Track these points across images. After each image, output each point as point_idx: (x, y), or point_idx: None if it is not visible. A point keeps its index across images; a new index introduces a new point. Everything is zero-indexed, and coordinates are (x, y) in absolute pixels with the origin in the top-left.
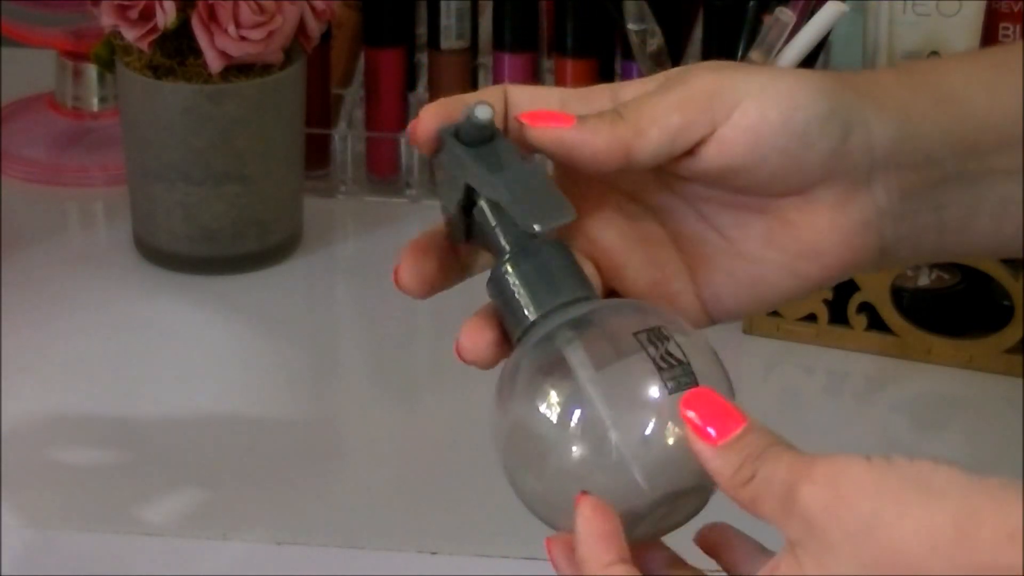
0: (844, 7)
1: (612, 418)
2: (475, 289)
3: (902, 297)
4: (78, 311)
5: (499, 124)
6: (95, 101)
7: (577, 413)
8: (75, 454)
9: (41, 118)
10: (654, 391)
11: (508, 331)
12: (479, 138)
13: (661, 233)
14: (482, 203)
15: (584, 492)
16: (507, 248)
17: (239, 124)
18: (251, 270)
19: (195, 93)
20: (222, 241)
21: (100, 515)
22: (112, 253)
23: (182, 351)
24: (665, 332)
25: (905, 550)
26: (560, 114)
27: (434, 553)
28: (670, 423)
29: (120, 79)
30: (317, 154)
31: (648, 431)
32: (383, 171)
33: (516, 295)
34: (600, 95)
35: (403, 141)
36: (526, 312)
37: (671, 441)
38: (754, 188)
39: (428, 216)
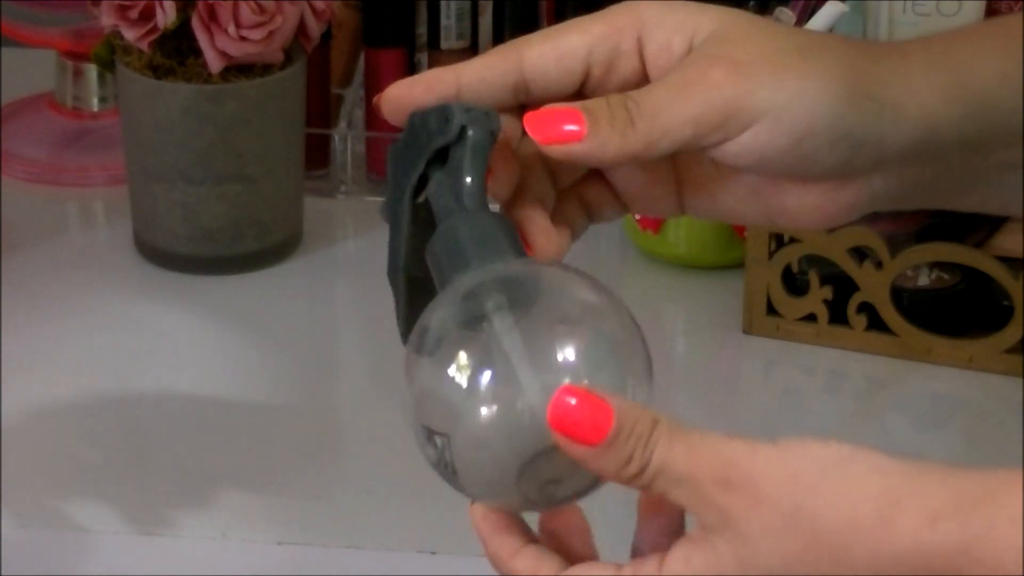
0: (844, 7)
1: (524, 377)
2: None
3: (902, 297)
4: (78, 311)
5: (505, 80)
6: (95, 101)
7: (488, 374)
8: (75, 454)
9: (41, 118)
10: (569, 353)
11: (437, 284)
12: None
13: None
14: (428, 192)
15: (471, 505)
16: (452, 208)
17: (239, 124)
18: (251, 270)
19: (195, 93)
20: (222, 241)
21: (100, 515)
22: (112, 253)
23: (182, 351)
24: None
25: (828, 540)
26: (567, 112)
27: (434, 553)
28: (585, 382)
29: (120, 79)
30: (317, 154)
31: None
32: (383, 171)
33: (449, 251)
34: (624, 35)
35: None
36: (452, 267)
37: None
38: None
39: None
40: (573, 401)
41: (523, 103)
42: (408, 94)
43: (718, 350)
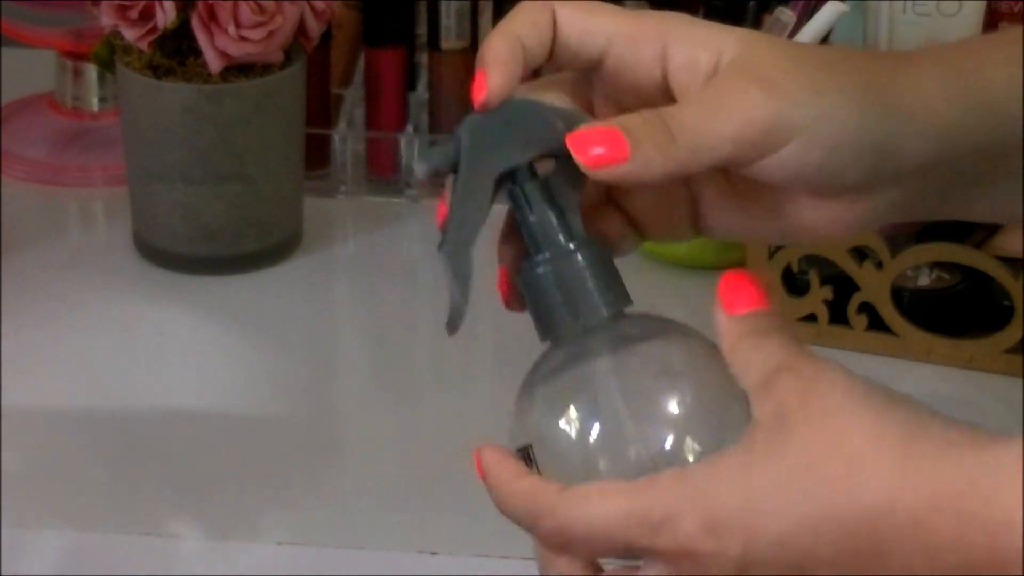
0: (844, 7)
1: (634, 432)
2: (476, 291)
3: (902, 297)
4: (78, 311)
5: (545, 47)
6: (95, 101)
7: (597, 427)
8: (75, 454)
9: (41, 118)
10: (673, 407)
11: (537, 325)
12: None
13: None
14: (534, 187)
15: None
16: (555, 243)
17: (239, 124)
18: (251, 270)
19: (195, 93)
20: (222, 241)
21: (100, 515)
22: (112, 253)
23: (182, 351)
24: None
25: (850, 444)
26: (608, 133)
27: (434, 553)
28: (688, 439)
29: (120, 79)
30: (317, 154)
31: (667, 445)
32: (383, 171)
33: (554, 298)
34: (648, 43)
35: (403, 141)
36: (559, 320)
37: (690, 457)
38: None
39: (428, 216)
40: (741, 280)
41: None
42: (509, 76)
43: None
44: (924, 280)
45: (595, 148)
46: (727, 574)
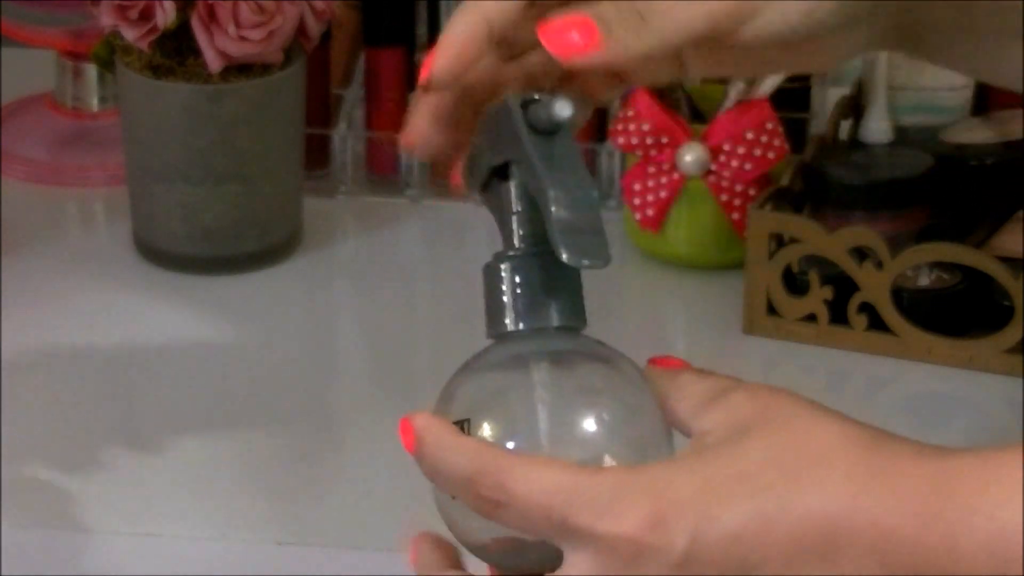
0: None
1: (548, 450)
2: (475, 291)
3: (902, 297)
4: (78, 311)
5: (513, 24)
6: (95, 101)
7: (512, 443)
8: (75, 454)
9: (41, 118)
10: (593, 426)
11: (487, 319)
12: (546, 127)
13: None
14: (513, 185)
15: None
16: (518, 244)
17: (239, 124)
18: (251, 270)
19: (195, 93)
20: (222, 241)
21: (100, 515)
22: (112, 253)
23: (182, 351)
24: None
25: (816, 442)
26: (579, 22)
27: None
28: (606, 456)
29: (120, 79)
30: (317, 154)
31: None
32: (383, 171)
33: (505, 297)
34: None
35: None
36: (506, 320)
37: None
38: None
39: (428, 216)
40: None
41: None
42: (458, 59)
43: (718, 350)
44: (924, 280)
45: (568, 36)
46: (662, 573)
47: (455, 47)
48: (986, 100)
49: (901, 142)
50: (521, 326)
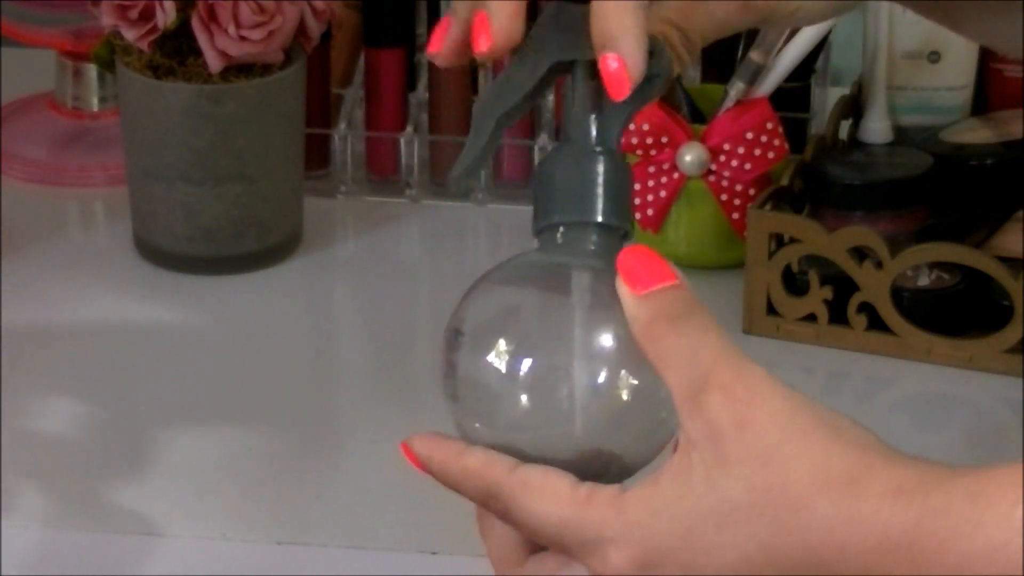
0: None
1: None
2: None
3: (902, 297)
4: (78, 311)
5: None
6: (95, 101)
7: (527, 362)
8: (75, 454)
9: (41, 118)
10: (607, 339)
11: (535, 212)
12: None
13: None
14: (579, 77)
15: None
16: (584, 140)
17: (239, 124)
18: (251, 270)
19: (195, 93)
20: (222, 241)
21: (100, 515)
22: (112, 253)
23: (182, 351)
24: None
25: (795, 485)
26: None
27: (434, 553)
28: (623, 373)
29: (120, 79)
30: (317, 154)
31: (601, 380)
32: (383, 171)
33: (561, 187)
34: None
35: (403, 141)
36: (556, 209)
37: (624, 395)
38: None
39: (428, 216)
40: (645, 254)
41: None
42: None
43: None
44: (924, 280)
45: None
46: None
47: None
48: (986, 100)
49: (901, 142)
50: (569, 215)
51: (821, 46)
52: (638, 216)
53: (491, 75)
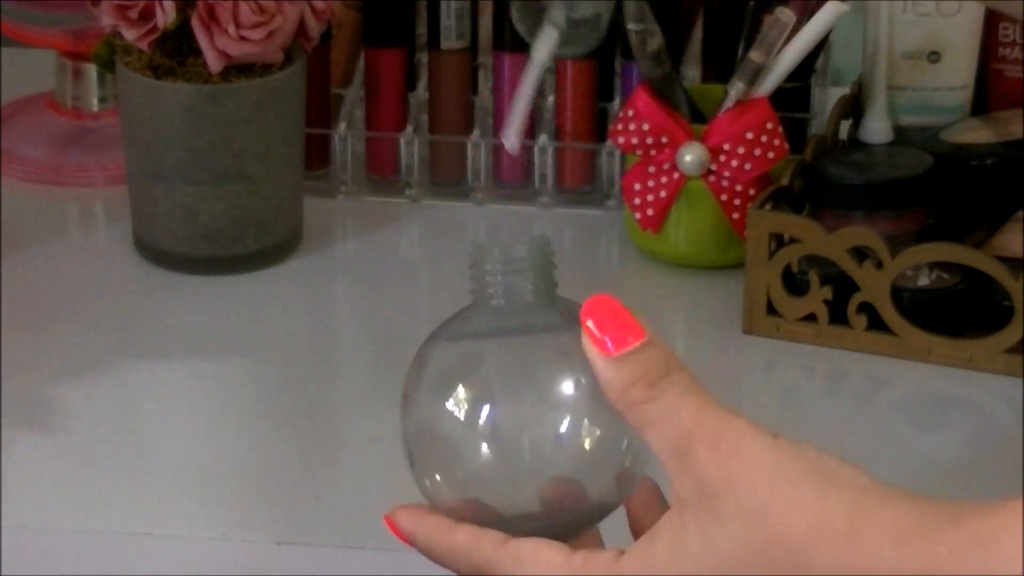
0: (844, 7)
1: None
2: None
3: (902, 297)
4: (78, 311)
5: None
6: (95, 101)
7: (486, 410)
8: (75, 454)
9: (41, 118)
10: (568, 387)
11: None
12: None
13: None
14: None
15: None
16: None
17: (239, 124)
18: (251, 270)
19: (195, 93)
20: (222, 241)
21: (100, 515)
22: (112, 253)
23: (182, 351)
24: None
25: (793, 538)
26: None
27: None
28: (585, 420)
29: (120, 79)
30: (317, 154)
31: (563, 429)
32: (383, 171)
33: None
34: None
35: (403, 141)
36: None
37: (587, 444)
38: None
39: (428, 216)
40: (610, 307)
41: None
42: None
43: (718, 350)
44: (924, 280)
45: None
46: None
47: None
48: (986, 100)
49: (901, 142)
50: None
51: (821, 46)
52: (638, 216)
53: (491, 75)
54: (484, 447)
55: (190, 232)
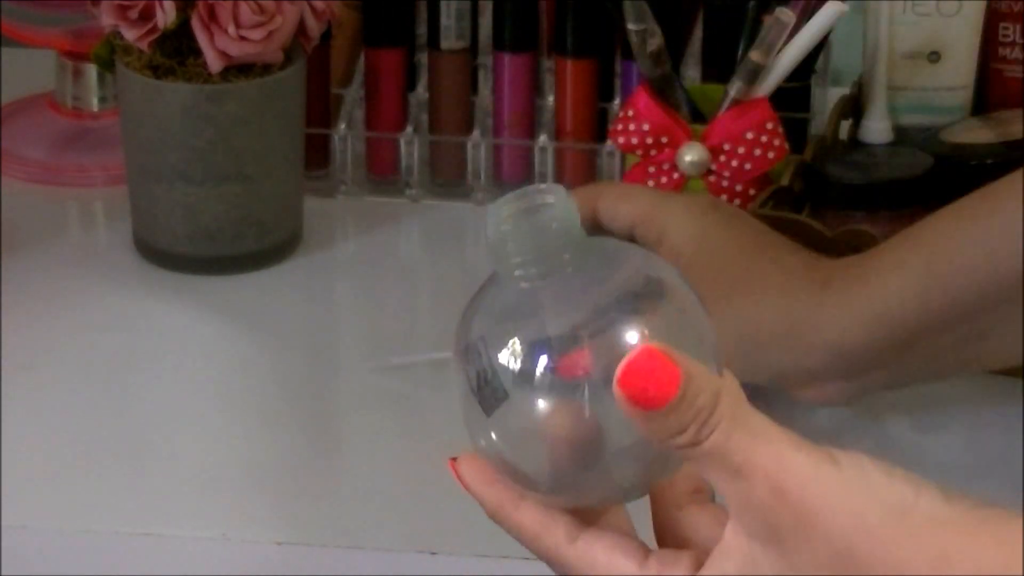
0: (844, 7)
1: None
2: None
3: None
4: (78, 311)
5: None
6: (95, 101)
7: (543, 360)
8: (75, 454)
9: (41, 118)
10: (632, 336)
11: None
12: None
13: None
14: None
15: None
16: None
17: (239, 124)
18: (251, 270)
19: (195, 93)
20: (222, 241)
21: (100, 515)
22: (112, 253)
23: (182, 351)
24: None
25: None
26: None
27: (434, 553)
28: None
29: (120, 79)
30: (317, 154)
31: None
32: (383, 171)
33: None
34: (651, 225)
35: (403, 141)
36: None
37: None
38: None
39: (428, 216)
40: (640, 369)
41: None
42: None
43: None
44: None
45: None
46: None
47: None
48: (986, 100)
49: (901, 142)
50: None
51: (821, 46)
52: None
53: (491, 75)
54: (540, 401)
55: (190, 232)
